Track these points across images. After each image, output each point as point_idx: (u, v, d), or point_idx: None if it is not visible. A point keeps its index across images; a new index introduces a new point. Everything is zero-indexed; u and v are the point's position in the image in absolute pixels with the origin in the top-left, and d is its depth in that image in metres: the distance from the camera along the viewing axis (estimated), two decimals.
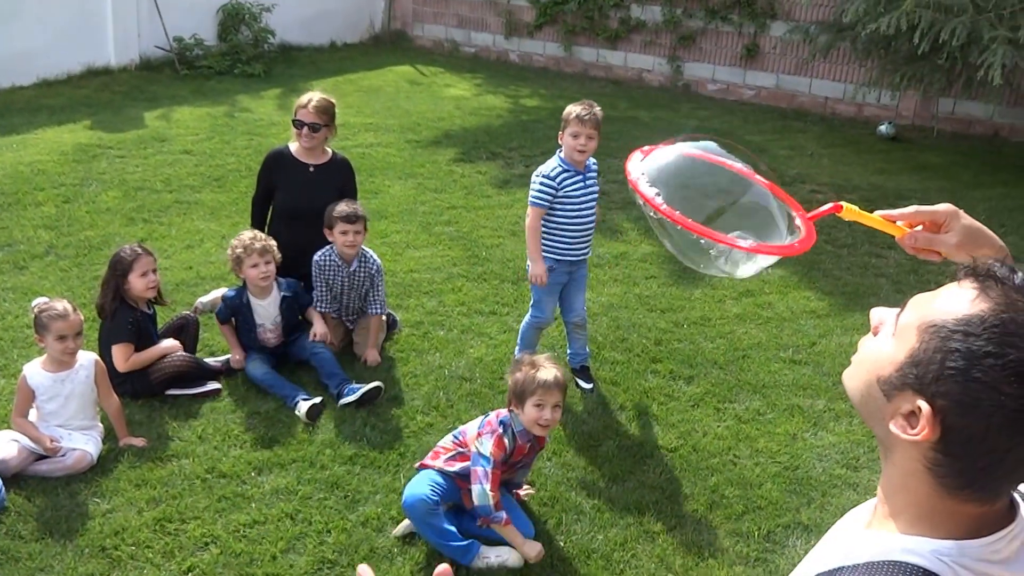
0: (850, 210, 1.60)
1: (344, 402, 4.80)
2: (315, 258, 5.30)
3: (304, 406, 4.72)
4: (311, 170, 5.53)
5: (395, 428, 4.68)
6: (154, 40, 12.20)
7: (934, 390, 1.15)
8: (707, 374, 5.34)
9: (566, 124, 4.81)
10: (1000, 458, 1.14)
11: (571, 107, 4.82)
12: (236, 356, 5.13)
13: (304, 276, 5.40)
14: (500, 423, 3.85)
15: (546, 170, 4.84)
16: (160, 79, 11.80)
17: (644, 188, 1.43)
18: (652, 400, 5.04)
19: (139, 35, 12.13)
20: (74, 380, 4.34)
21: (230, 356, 5.16)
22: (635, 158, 1.54)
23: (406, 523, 3.93)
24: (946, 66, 8.94)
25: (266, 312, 5.17)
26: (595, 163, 5.01)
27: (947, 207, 1.63)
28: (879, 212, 1.65)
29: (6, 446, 4.15)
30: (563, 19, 13.79)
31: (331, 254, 5.29)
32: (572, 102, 4.91)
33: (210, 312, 5.59)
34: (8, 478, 4.09)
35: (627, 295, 6.31)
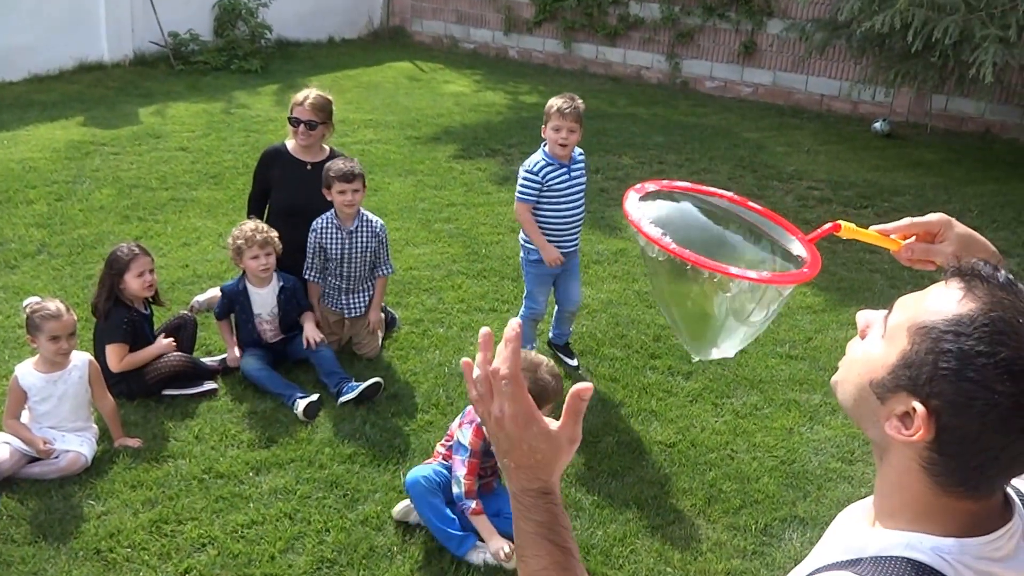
0: (848, 228, 1.61)
1: (343, 400, 4.79)
2: (312, 224, 5.24)
3: (301, 404, 4.70)
4: (308, 168, 5.48)
5: (394, 426, 4.67)
6: (148, 35, 12.14)
7: (928, 391, 1.16)
8: (705, 370, 5.34)
9: (548, 118, 4.85)
10: (995, 456, 1.15)
11: (553, 100, 4.86)
12: (232, 354, 5.11)
13: (302, 275, 5.38)
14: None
15: (529, 165, 4.90)
16: (155, 75, 11.75)
17: (648, 228, 1.43)
18: (651, 396, 5.03)
19: (133, 30, 12.06)
20: (67, 381, 4.30)
21: (226, 355, 5.14)
22: (632, 198, 1.53)
23: (406, 504, 3.94)
24: (939, 64, 8.99)
25: (263, 302, 5.15)
26: (581, 154, 5.02)
27: (940, 217, 1.65)
28: (874, 227, 1.66)
29: None
30: (562, 15, 13.76)
31: (329, 217, 5.22)
32: None
33: (207, 311, 5.57)
34: (0, 481, 4.06)
35: (626, 291, 6.31)
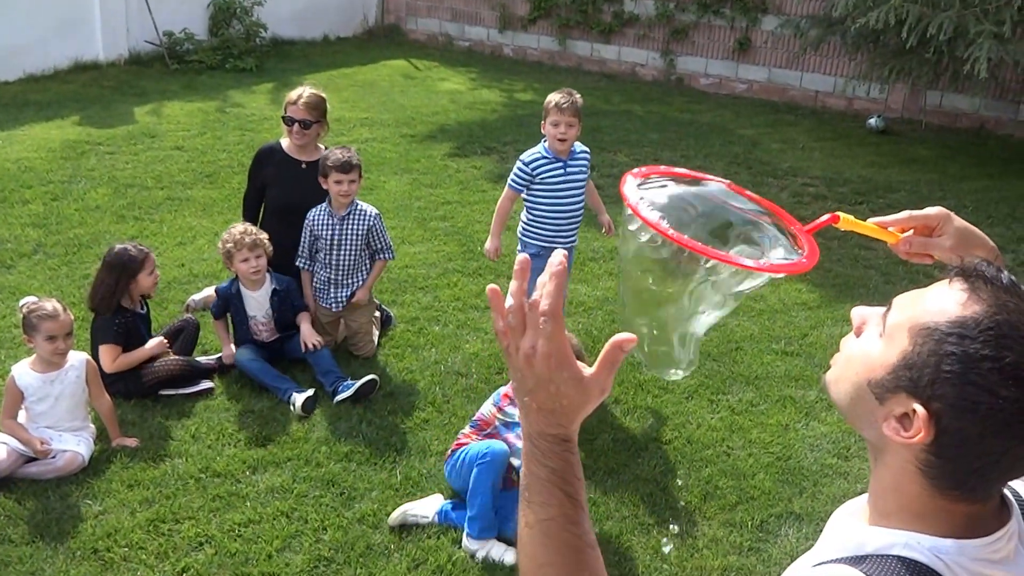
0: (846, 220, 1.59)
1: (339, 398, 4.79)
2: (308, 213, 5.25)
3: (299, 399, 4.72)
4: (303, 167, 5.47)
5: (391, 424, 4.68)
6: (143, 34, 12.12)
7: (930, 393, 1.14)
8: (701, 366, 5.34)
9: (546, 113, 4.88)
10: (995, 460, 1.14)
11: (551, 95, 4.89)
12: (228, 351, 5.12)
13: (297, 275, 5.39)
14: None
15: (525, 156, 4.97)
16: (150, 74, 11.73)
17: (646, 213, 1.41)
18: (647, 393, 5.04)
19: (128, 29, 12.03)
20: (64, 381, 4.30)
21: (222, 354, 5.14)
22: (630, 182, 1.50)
23: (402, 511, 3.95)
24: (933, 60, 9.02)
25: (258, 304, 5.15)
26: (584, 151, 5.03)
27: (939, 210, 1.63)
28: (872, 219, 1.64)
29: None
30: (557, 13, 13.77)
31: (323, 206, 5.24)
32: None
33: (203, 310, 5.57)
34: None
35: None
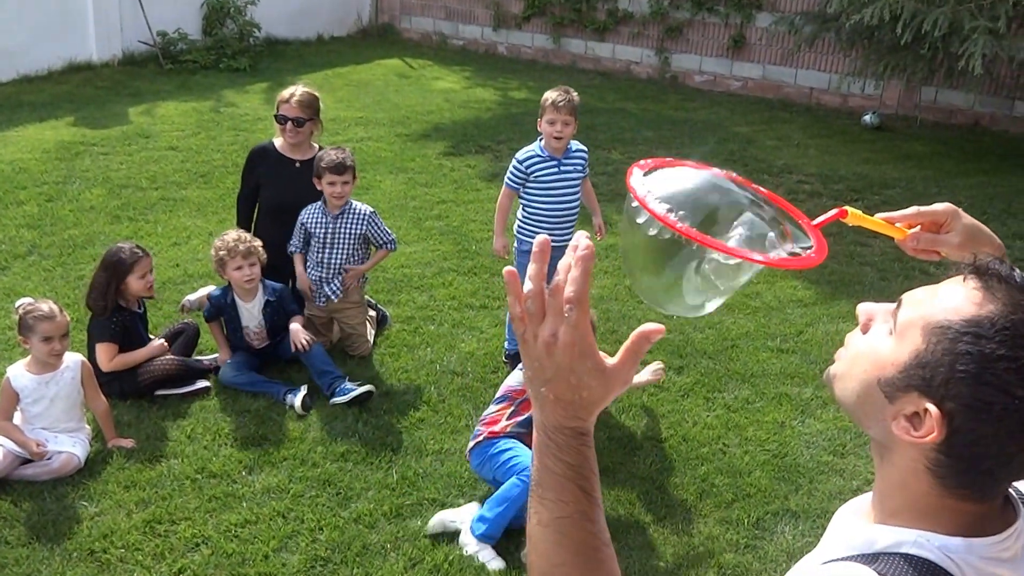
0: (854, 215, 1.56)
1: (335, 402, 4.79)
2: (302, 210, 5.26)
3: (297, 399, 4.73)
4: (297, 165, 5.46)
5: (387, 424, 4.68)
6: (137, 34, 12.08)
7: (943, 393, 1.12)
8: (696, 364, 5.36)
9: (543, 111, 4.88)
10: (1006, 461, 1.13)
11: (548, 93, 4.90)
12: (225, 353, 5.11)
13: (292, 276, 5.38)
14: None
15: (520, 154, 4.98)
16: (144, 74, 11.71)
17: (654, 205, 1.39)
18: (642, 391, 5.04)
19: (121, 29, 12.00)
20: (59, 382, 4.30)
21: (218, 355, 5.14)
22: (636, 174, 1.48)
23: (439, 519, 3.92)
24: (928, 56, 9.00)
25: (250, 315, 5.12)
26: (581, 150, 5.03)
27: (947, 207, 1.61)
28: (880, 215, 1.62)
29: None
30: (551, 11, 13.75)
31: (317, 204, 5.24)
32: None
33: (197, 310, 5.56)
34: None
35: (617, 287, 6.32)
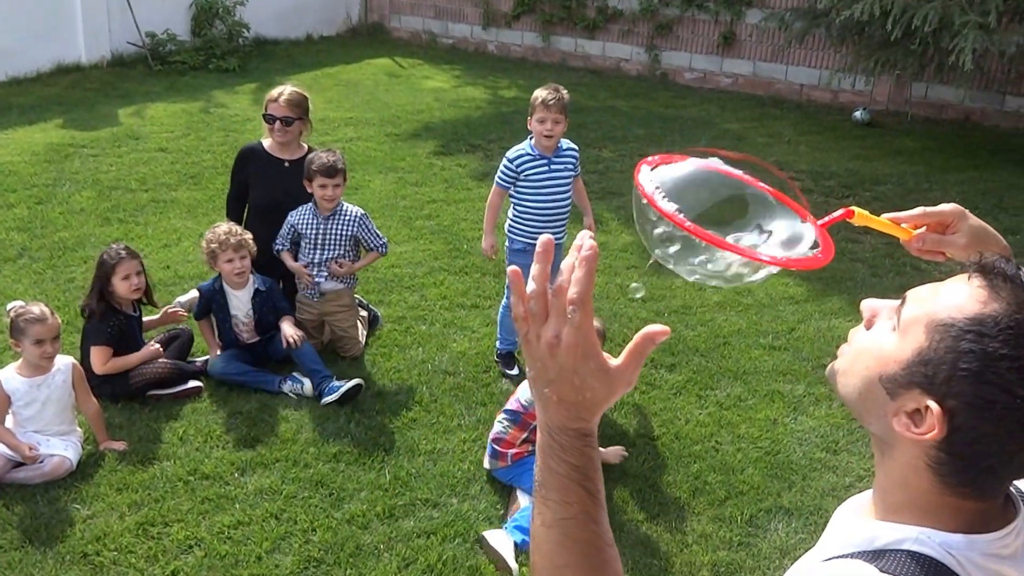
0: (860, 215, 1.55)
1: (326, 401, 4.79)
2: (291, 211, 5.25)
3: (303, 386, 4.88)
4: (286, 165, 5.45)
5: (379, 424, 4.67)
6: (125, 36, 12.05)
7: (945, 390, 1.12)
8: (688, 362, 5.36)
9: (533, 109, 4.87)
10: (1007, 459, 1.13)
11: (538, 92, 4.88)
12: (215, 354, 5.11)
13: (282, 276, 5.37)
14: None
15: (511, 153, 4.97)
16: (133, 75, 11.68)
17: (663, 204, 1.38)
18: (635, 389, 5.01)
19: (110, 31, 11.97)
20: (51, 385, 4.29)
21: (209, 356, 5.13)
22: (644, 170, 1.47)
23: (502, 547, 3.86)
24: (918, 51, 9.00)
25: (240, 303, 5.13)
26: (572, 149, 5.02)
27: (953, 207, 1.60)
28: (886, 215, 1.61)
29: None
30: (541, 9, 13.75)
31: (308, 205, 5.23)
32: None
33: (189, 312, 5.55)
34: None
35: (608, 286, 6.32)
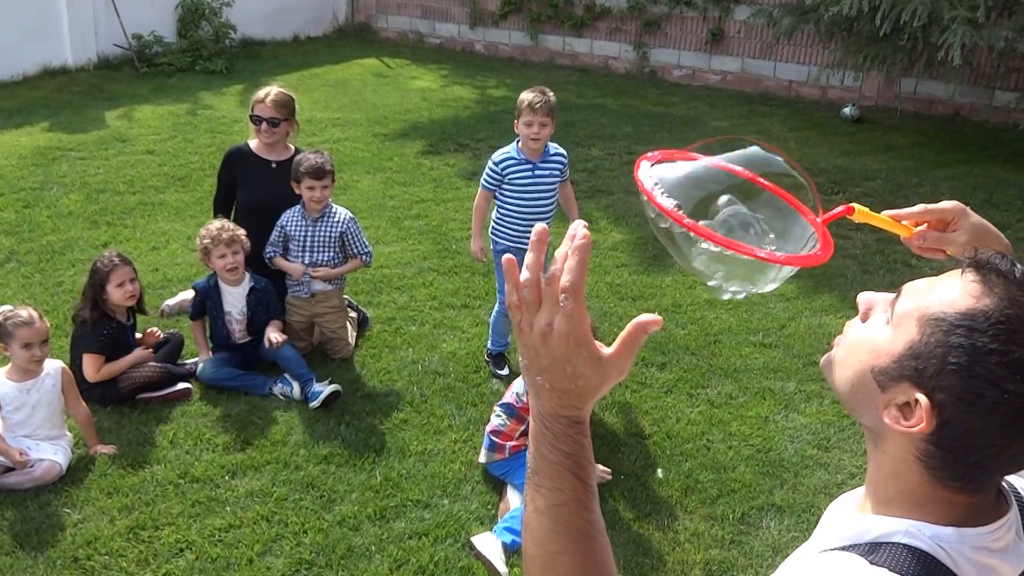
0: (861, 212, 1.53)
1: (312, 406, 4.78)
2: (282, 215, 5.24)
3: (292, 388, 4.85)
4: (273, 166, 5.43)
5: (370, 425, 4.66)
6: (112, 38, 12.04)
7: (934, 384, 1.12)
8: (679, 360, 5.36)
9: (519, 112, 4.85)
10: (995, 454, 1.13)
11: (524, 94, 4.86)
12: (204, 356, 5.10)
13: (271, 275, 5.35)
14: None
15: (496, 155, 4.97)
16: (120, 78, 11.66)
17: (663, 200, 1.37)
18: (625, 388, 5.04)
19: (96, 33, 11.96)
20: (40, 389, 4.27)
21: (199, 358, 5.11)
22: (644, 166, 1.46)
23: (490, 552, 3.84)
24: (907, 46, 9.02)
25: (234, 300, 5.13)
26: (559, 153, 5.01)
27: (955, 205, 1.59)
28: (886, 212, 1.59)
29: None
30: (528, 7, 13.76)
31: (297, 208, 5.23)
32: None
33: (177, 315, 5.54)
34: None
35: (598, 284, 6.31)
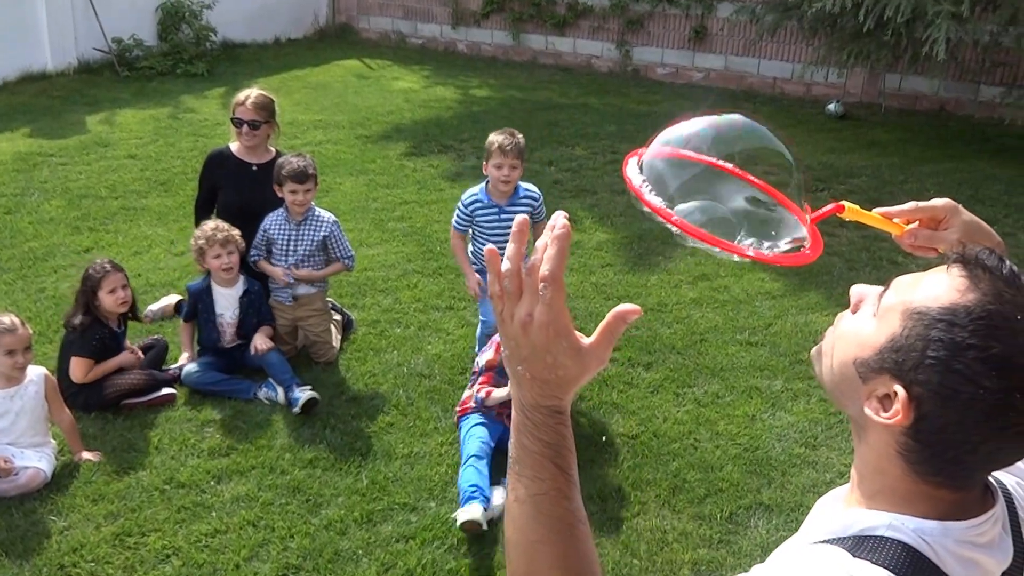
0: (852, 209, 1.53)
1: (295, 411, 4.77)
2: (265, 218, 5.23)
3: (276, 393, 4.83)
4: (254, 169, 5.42)
5: (355, 429, 4.65)
6: (92, 42, 11.96)
7: (912, 377, 1.13)
8: (665, 360, 5.35)
9: (488, 155, 4.81)
10: (972, 449, 1.13)
11: (493, 136, 4.83)
12: (187, 354, 5.09)
13: (255, 279, 5.33)
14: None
15: (465, 196, 4.99)
16: (100, 82, 11.59)
17: (650, 198, 1.36)
18: (611, 388, 5.04)
19: (76, 37, 11.86)
20: (24, 396, 4.25)
21: (181, 362, 5.09)
22: (632, 164, 1.45)
23: (468, 515, 3.92)
24: (891, 42, 9.04)
25: (227, 303, 5.11)
26: (530, 195, 4.96)
27: (946, 202, 1.59)
28: (877, 210, 1.59)
29: None
30: (510, 7, 13.74)
31: (280, 211, 5.22)
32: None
33: (160, 320, 5.51)
34: None
35: (583, 284, 6.31)
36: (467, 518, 3.86)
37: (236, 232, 5.06)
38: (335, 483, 4.23)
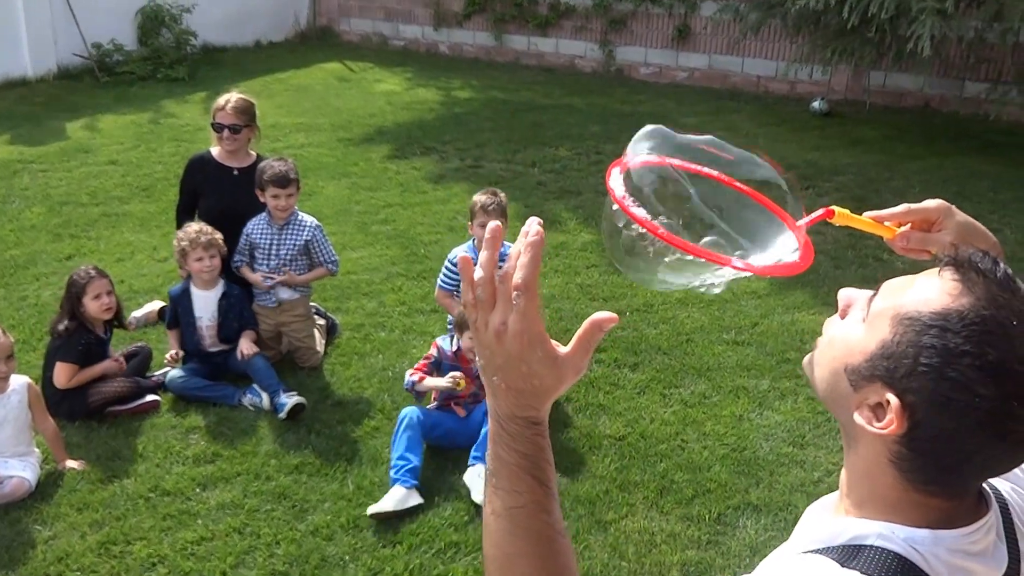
0: (842, 215, 1.49)
1: (280, 417, 4.75)
2: (247, 223, 5.22)
3: (261, 400, 4.81)
4: (236, 173, 5.40)
5: (341, 434, 4.62)
6: (71, 47, 11.89)
7: (905, 385, 1.10)
8: (651, 360, 5.35)
9: (473, 215, 4.93)
10: (967, 457, 1.10)
11: (476, 197, 4.96)
12: (173, 351, 5.03)
13: (238, 284, 5.31)
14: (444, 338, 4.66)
15: (452, 255, 5.09)
16: (80, 88, 11.54)
17: (635, 210, 1.35)
18: (598, 390, 5.03)
19: (55, 43, 11.80)
20: (7, 405, 4.22)
21: (166, 368, 5.05)
22: (615, 174, 1.43)
23: (386, 504, 3.98)
24: (876, 39, 9.03)
25: (205, 305, 5.08)
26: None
27: (939, 203, 1.55)
28: (868, 213, 1.54)
29: None
30: (492, 8, 13.74)
31: (264, 215, 5.22)
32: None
33: (144, 327, 5.48)
34: None
35: (568, 285, 6.30)
36: (374, 511, 3.99)
37: (219, 236, 5.04)
38: (321, 489, 4.22)
